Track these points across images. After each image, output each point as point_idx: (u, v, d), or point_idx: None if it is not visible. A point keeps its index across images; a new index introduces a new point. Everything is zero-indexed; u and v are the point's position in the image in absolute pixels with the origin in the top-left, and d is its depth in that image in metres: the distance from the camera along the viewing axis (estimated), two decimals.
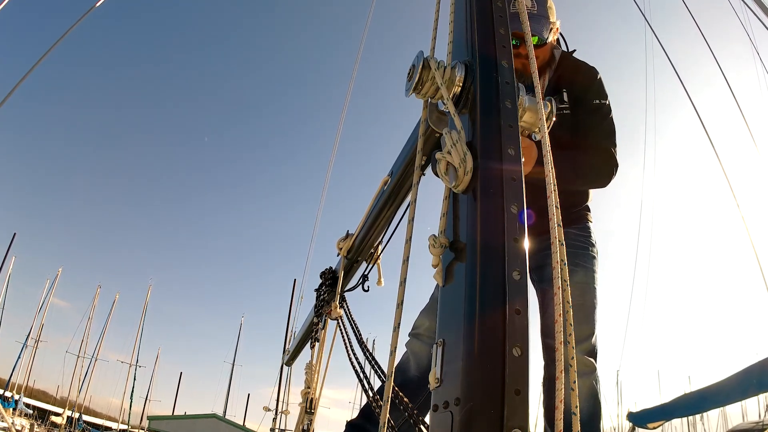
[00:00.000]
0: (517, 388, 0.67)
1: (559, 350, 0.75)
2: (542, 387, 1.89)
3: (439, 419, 0.72)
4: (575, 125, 1.98)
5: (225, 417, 27.66)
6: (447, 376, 0.74)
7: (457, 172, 0.87)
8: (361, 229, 2.02)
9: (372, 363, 1.88)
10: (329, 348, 2.34)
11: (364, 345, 2.00)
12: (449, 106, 0.95)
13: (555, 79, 2.08)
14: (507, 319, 0.71)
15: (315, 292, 2.43)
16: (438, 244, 0.86)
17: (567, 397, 0.77)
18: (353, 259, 2.16)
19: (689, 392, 3.90)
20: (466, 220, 0.84)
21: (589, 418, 1.89)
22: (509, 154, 0.87)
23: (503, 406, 0.65)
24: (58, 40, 3.61)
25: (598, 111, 2.00)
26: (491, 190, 0.82)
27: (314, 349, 2.36)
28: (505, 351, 0.69)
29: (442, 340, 0.78)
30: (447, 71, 0.99)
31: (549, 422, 1.88)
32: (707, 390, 3.58)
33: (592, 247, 2.14)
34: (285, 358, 3.46)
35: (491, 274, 0.75)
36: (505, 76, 0.98)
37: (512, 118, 0.92)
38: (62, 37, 3.63)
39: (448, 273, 0.85)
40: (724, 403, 3.46)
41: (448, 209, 0.92)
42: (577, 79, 2.06)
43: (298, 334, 3.08)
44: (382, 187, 1.80)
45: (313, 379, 2.32)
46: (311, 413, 2.30)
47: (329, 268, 2.41)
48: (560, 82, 2.07)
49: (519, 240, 0.78)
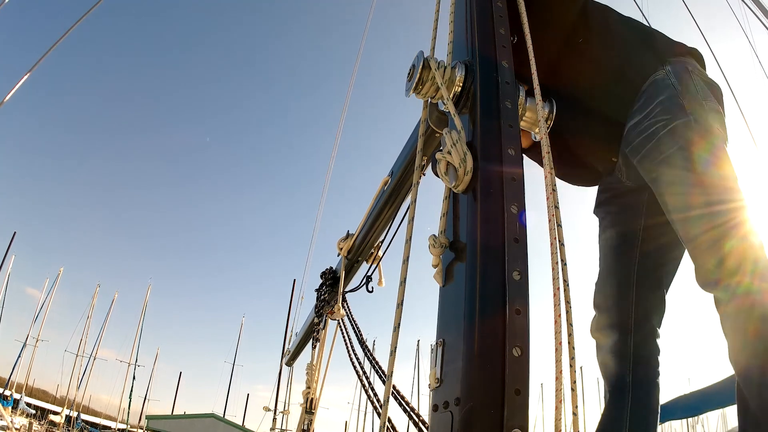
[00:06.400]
0: (517, 388, 0.67)
1: (559, 350, 0.75)
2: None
3: (439, 419, 0.72)
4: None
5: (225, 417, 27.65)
6: (447, 376, 0.74)
7: (457, 172, 0.87)
8: (362, 229, 2.02)
9: (373, 363, 1.88)
10: (329, 348, 2.35)
11: (365, 345, 2.00)
12: (449, 106, 0.95)
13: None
14: (507, 319, 0.71)
15: (315, 293, 2.44)
16: (438, 244, 0.86)
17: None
18: (354, 260, 2.16)
19: (688, 393, 3.89)
20: (466, 220, 0.84)
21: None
22: (509, 154, 0.87)
23: (503, 406, 0.65)
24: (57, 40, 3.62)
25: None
26: (491, 190, 0.82)
27: (315, 349, 2.36)
28: (505, 351, 0.69)
29: (442, 340, 0.78)
30: (447, 71, 0.99)
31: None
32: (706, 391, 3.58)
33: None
34: (285, 359, 3.46)
35: (491, 274, 0.75)
36: (505, 76, 0.98)
37: (512, 118, 0.92)
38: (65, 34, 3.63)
39: (448, 273, 0.85)
40: (724, 404, 3.45)
41: (448, 209, 0.92)
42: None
43: (299, 335, 3.08)
44: (383, 187, 1.80)
45: (314, 379, 2.32)
46: (311, 413, 2.31)
47: (330, 269, 2.41)
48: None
49: (519, 240, 0.79)
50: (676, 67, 1.33)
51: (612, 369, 1.49)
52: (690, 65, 1.36)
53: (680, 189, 1.20)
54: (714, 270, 1.11)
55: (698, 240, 1.14)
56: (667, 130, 1.22)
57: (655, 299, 1.53)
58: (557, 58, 1.41)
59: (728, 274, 1.08)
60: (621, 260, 1.56)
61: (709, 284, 1.12)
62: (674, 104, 1.25)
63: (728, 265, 1.08)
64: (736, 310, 1.08)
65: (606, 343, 1.53)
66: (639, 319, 1.49)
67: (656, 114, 1.26)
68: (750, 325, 1.05)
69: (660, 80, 1.31)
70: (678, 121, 1.22)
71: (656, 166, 1.24)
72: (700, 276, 1.14)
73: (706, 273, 1.13)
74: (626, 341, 1.48)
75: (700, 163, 1.17)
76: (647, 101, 1.29)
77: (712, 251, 1.11)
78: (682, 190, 1.19)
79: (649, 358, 1.49)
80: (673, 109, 1.24)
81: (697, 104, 1.25)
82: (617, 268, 1.56)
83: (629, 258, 1.54)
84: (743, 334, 1.07)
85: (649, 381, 1.47)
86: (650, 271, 1.53)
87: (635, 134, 1.30)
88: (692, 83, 1.30)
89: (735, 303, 1.08)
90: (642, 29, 1.53)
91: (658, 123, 1.24)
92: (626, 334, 1.48)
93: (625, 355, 1.47)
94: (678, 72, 1.32)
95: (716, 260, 1.11)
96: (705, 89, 1.31)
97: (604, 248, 1.63)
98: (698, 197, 1.16)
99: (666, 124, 1.23)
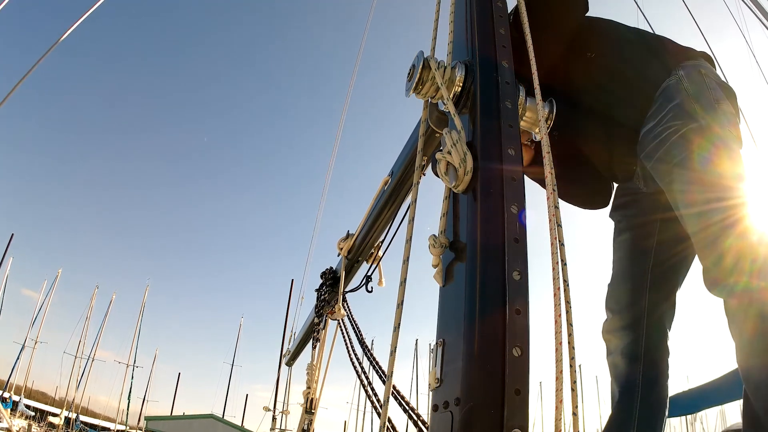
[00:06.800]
0: (517, 388, 0.67)
1: (559, 350, 0.75)
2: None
3: (439, 419, 0.72)
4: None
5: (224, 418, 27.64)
6: (447, 376, 0.74)
7: (457, 172, 0.87)
8: (362, 229, 2.03)
9: (372, 363, 1.88)
10: (329, 348, 2.35)
11: (365, 345, 2.00)
12: (449, 106, 0.95)
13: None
14: (507, 319, 0.71)
15: (315, 293, 2.44)
16: (438, 244, 0.86)
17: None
18: (354, 260, 2.16)
19: (687, 390, 3.89)
20: (466, 220, 0.84)
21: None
22: (509, 154, 0.87)
23: (503, 406, 0.65)
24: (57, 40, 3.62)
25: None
26: (491, 190, 0.82)
27: (315, 349, 2.36)
28: (505, 351, 0.69)
29: (442, 340, 0.78)
30: (447, 71, 0.99)
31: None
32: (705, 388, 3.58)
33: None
34: (285, 359, 3.46)
35: (491, 274, 0.75)
36: (505, 76, 0.98)
37: (512, 119, 0.92)
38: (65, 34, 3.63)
39: (448, 273, 0.85)
40: (723, 401, 3.44)
41: (448, 209, 0.92)
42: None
43: (299, 335, 3.09)
44: (383, 187, 1.80)
45: (314, 379, 2.32)
46: (311, 413, 2.31)
47: (330, 269, 2.41)
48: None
49: (519, 240, 0.79)
50: (689, 70, 1.34)
51: (623, 370, 1.50)
52: (703, 67, 1.36)
53: (692, 188, 1.20)
54: (714, 268, 1.11)
55: (708, 237, 1.14)
56: (679, 135, 1.23)
57: (667, 302, 1.54)
58: (562, 62, 1.42)
59: (728, 272, 1.09)
60: (636, 263, 1.57)
61: (713, 286, 1.12)
62: (686, 109, 1.25)
63: (730, 263, 1.09)
64: (736, 307, 1.08)
65: (618, 345, 1.54)
66: (651, 322, 1.50)
67: (669, 119, 1.26)
68: (748, 323, 1.05)
69: (673, 85, 1.31)
70: (690, 126, 1.22)
71: (669, 169, 1.24)
72: (706, 276, 1.14)
73: (711, 272, 1.13)
74: (638, 343, 1.49)
75: (712, 164, 1.17)
76: (660, 107, 1.30)
77: (716, 248, 1.12)
78: (693, 188, 1.20)
79: (660, 360, 1.50)
80: (685, 114, 1.25)
81: (710, 107, 1.25)
82: (632, 271, 1.57)
83: (644, 261, 1.55)
84: (743, 333, 1.07)
85: (659, 383, 1.48)
86: (664, 275, 1.53)
87: (649, 140, 1.31)
88: (706, 85, 1.30)
89: (734, 300, 1.08)
90: (651, 37, 1.54)
91: (671, 128, 1.25)
92: (638, 337, 1.49)
93: (636, 357, 1.48)
94: (691, 75, 1.32)
95: (717, 257, 1.11)
96: (718, 91, 1.31)
97: (619, 251, 1.63)
98: (710, 196, 1.17)
99: (677, 129, 1.24)
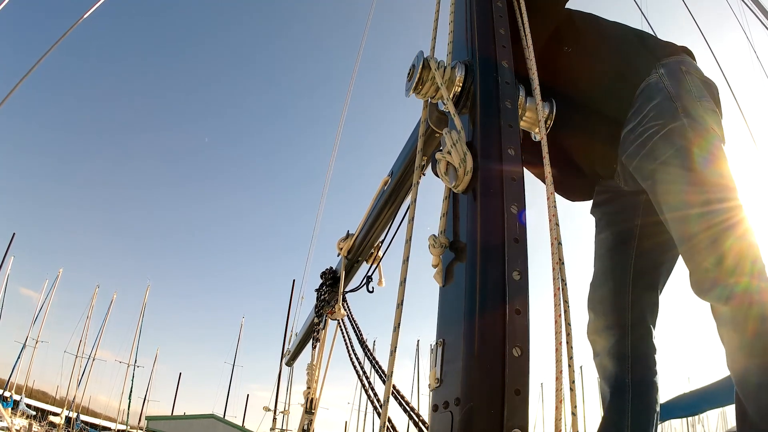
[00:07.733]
0: (517, 388, 0.67)
1: (559, 350, 0.75)
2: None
3: (439, 419, 0.72)
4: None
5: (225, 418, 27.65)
6: (447, 376, 0.74)
7: (457, 172, 0.87)
8: (362, 229, 2.03)
9: (373, 363, 1.88)
10: (329, 348, 2.35)
11: (365, 345, 2.00)
12: (449, 106, 0.95)
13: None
14: (507, 319, 0.71)
15: (315, 293, 2.44)
16: (438, 244, 0.86)
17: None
18: (354, 260, 2.16)
19: (688, 392, 3.89)
20: (466, 220, 0.84)
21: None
22: (509, 154, 0.87)
23: (503, 406, 0.65)
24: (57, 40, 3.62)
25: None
26: (491, 190, 0.82)
27: (315, 349, 2.37)
28: (505, 351, 0.69)
29: (442, 340, 0.78)
30: (447, 71, 0.99)
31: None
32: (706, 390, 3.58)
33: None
34: (286, 359, 3.46)
35: (491, 274, 0.75)
36: (505, 76, 0.98)
37: (512, 118, 0.92)
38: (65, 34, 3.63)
39: (448, 273, 0.85)
40: (724, 403, 3.44)
41: (448, 209, 0.92)
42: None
43: (299, 335, 3.09)
44: (383, 188, 1.80)
45: (314, 379, 2.32)
46: (312, 413, 2.31)
47: (330, 269, 2.41)
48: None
49: (519, 240, 0.79)
50: (671, 67, 1.32)
51: (611, 370, 1.49)
52: (684, 64, 1.34)
53: (676, 188, 1.19)
54: (711, 269, 1.10)
55: (695, 239, 1.13)
56: (661, 135, 1.21)
57: (650, 299, 1.53)
58: (544, 54, 1.41)
59: (726, 273, 1.08)
60: (617, 260, 1.56)
61: (703, 290, 1.11)
62: (667, 108, 1.24)
63: (727, 264, 1.08)
64: (734, 309, 1.07)
65: (604, 345, 1.53)
66: (635, 320, 1.49)
67: (650, 119, 1.25)
68: (748, 324, 1.05)
69: (653, 84, 1.30)
70: (672, 125, 1.21)
71: (652, 170, 1.23)
72: (696, 279, 1.13)
73: (702, 274, 1.11)
74: (624, 342, 1.48)
75: (697, 163, 1.16)
76: (641, 107, 1.28)
77: (710, 249, 1.11)
78: (678, 188, 1.19)
79: (647, 357, 1.49)
80: (667, 113, 1.23)
81: (692, 105, 1.24)
82: (613, 269, 1.56)
83: (625, 258, 1.54)
84: (741, 335, 1.06)
85: (649, 380, 1.47)
86: (646, 272, 1.53)
87: (630, 140, 1.29)
88: (687, 82, 1.28)
89: (733, 302, 1.07)
90: (631, 33, 1.52)
91: (652, 128, 1.23)
92: (623, 335, 1.48)
93: (623, 355, 1.47)
94: (672, 72, 1.30)
95: (714, 259, 1.10)
96: (701, 88, 1.29)
97: (600, 249, 1.62)
98: (695, 196, 1.15)
99: (659, 129, 1.22)
